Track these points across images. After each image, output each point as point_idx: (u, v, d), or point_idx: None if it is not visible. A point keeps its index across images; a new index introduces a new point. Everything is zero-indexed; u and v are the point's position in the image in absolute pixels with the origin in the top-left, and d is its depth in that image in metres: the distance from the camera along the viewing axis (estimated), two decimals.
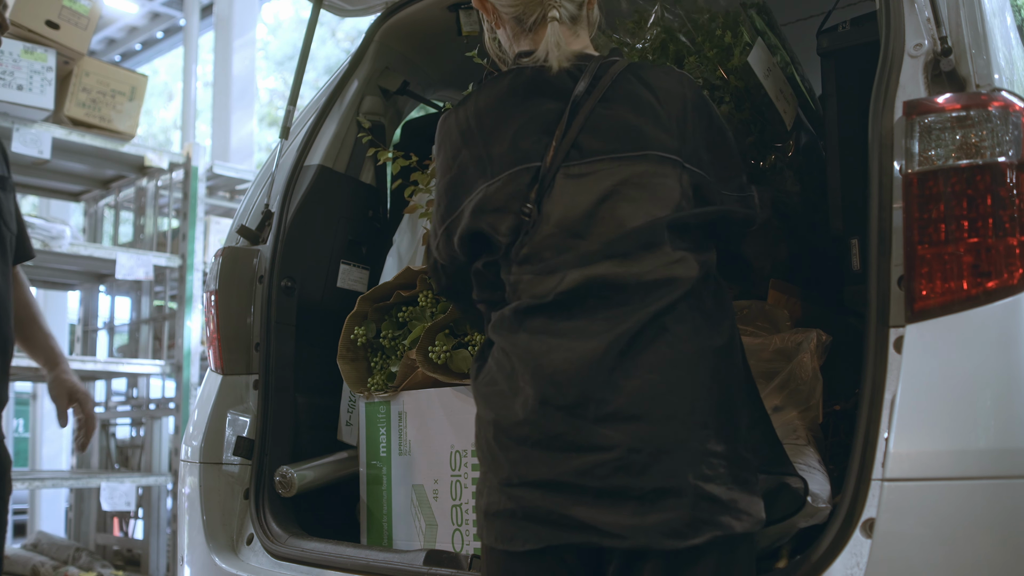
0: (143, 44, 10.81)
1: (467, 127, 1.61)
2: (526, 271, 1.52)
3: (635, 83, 1.57)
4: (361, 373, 2.31)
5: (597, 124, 1.53)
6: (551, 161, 1.52)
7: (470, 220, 1.57)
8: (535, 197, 1.52)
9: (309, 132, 2.50)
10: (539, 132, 1.55)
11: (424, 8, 2.56)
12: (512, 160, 1.55)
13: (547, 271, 1.50)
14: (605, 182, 1.50)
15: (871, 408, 1.47)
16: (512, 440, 1.45)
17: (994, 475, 1.36)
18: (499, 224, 1.53)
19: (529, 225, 1.52)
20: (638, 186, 1.50)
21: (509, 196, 1.53)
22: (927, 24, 1.60)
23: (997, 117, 1.46)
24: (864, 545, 1.42)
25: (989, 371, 1.40)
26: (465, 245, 1.61)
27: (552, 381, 1.43)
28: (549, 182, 1.52)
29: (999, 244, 1.42)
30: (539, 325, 1.48)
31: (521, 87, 1.60)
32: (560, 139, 1.52)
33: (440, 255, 1.68)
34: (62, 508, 6.52)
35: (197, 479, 2.26)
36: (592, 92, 1.55)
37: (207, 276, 2.44)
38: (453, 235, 1.61)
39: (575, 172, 1.52)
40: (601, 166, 1.51)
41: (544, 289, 1.49)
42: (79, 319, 5.26)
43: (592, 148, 1.52)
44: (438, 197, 1.65)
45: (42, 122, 4.02)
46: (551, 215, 1.51)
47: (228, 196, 5.62)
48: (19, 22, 3.87)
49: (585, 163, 1.52)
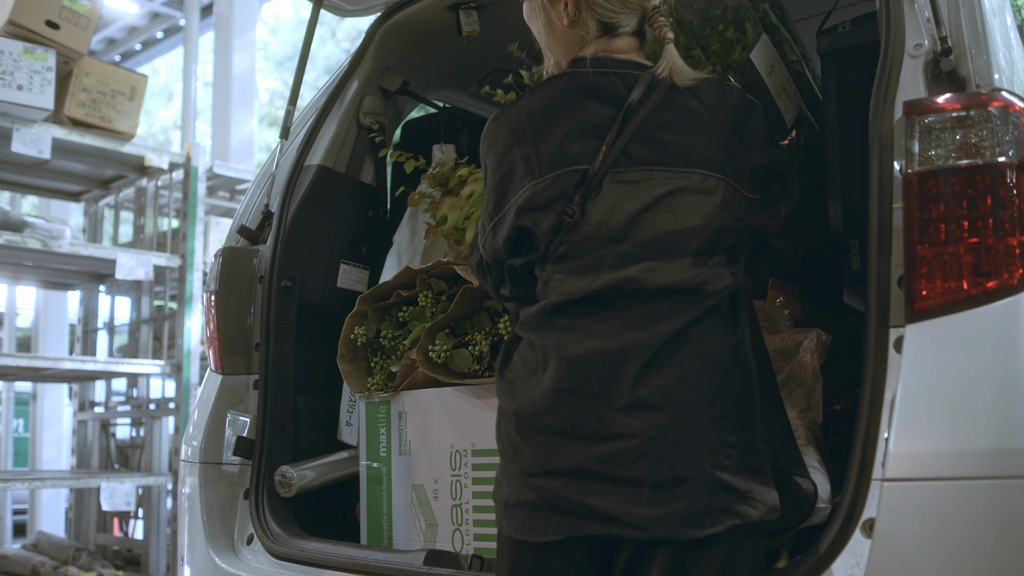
0: (143, 44, 10.80)
1: (519, 126, 1.62)
2: (560, 269, 1.55)
3: (688, 96, 1.59)
4: (361, 373, 2.31)
5: (648, 135, 1.55)
6: (599, 165, 1.54)
7: (515, 218, 1.59)
8: (580, 199, 1.54)
9: (309, 132, 2.50)
10: (590, 136, 1.56)
11: (424, 8, 2.56)
12: (561, 161, 1.56)
13: (581, 270, 1.53)
14: (651, 192, 1.52)
15: (871, 408, 1.47)
16: (534, 429, 1.48)
17: (994, 475, 1.36)
18: (542, 222, 1.56)
19: (570, 226, 1.54)
20: (682, 200, 1.52)
21: (554, 196, 1.55)
22: (927, 24, 1.60)
23: (997, 117, 1.46)
24: (864, 545, 1.42)
25: (989, 371, 1.40)
26: (510, 243, 1.62)
27: (578, 368, 1.46)
28: (596, 186, 1.54)
29: (999, 244, 1.42)
30: (567, 322, 1.51)
31: (575, 90, 1.61)
32: (610, 145, 1.54)
33: (487, 253, 1.69)
34: (62, 508, 6.52)
35: (197, 479, 2.26)
36: (645, 102, 1.57)
37: (207, 276, 2.44)
38: (500, 233, 1.63)
39: (622, 179, 1.54)
40: (649, 175, 1.54)
41: (576, 287, 1.52)
42: (79, 319, 5.26)
43: (641, 157, 1.54)
44: (487, 195, 1.67)
45: (42, 122, 4.02)
46: (593, 217, 1.53)
47: (228, 196, 5.62)
48: (19, 22, 3.87)
49: (634, 171, 1.54)
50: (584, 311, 1.51)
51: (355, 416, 2.40)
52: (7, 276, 5.28)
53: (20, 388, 7.50)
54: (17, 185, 5.04)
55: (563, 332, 1.51)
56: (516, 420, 1.51)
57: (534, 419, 1.48)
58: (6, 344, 7.16)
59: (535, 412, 1.48)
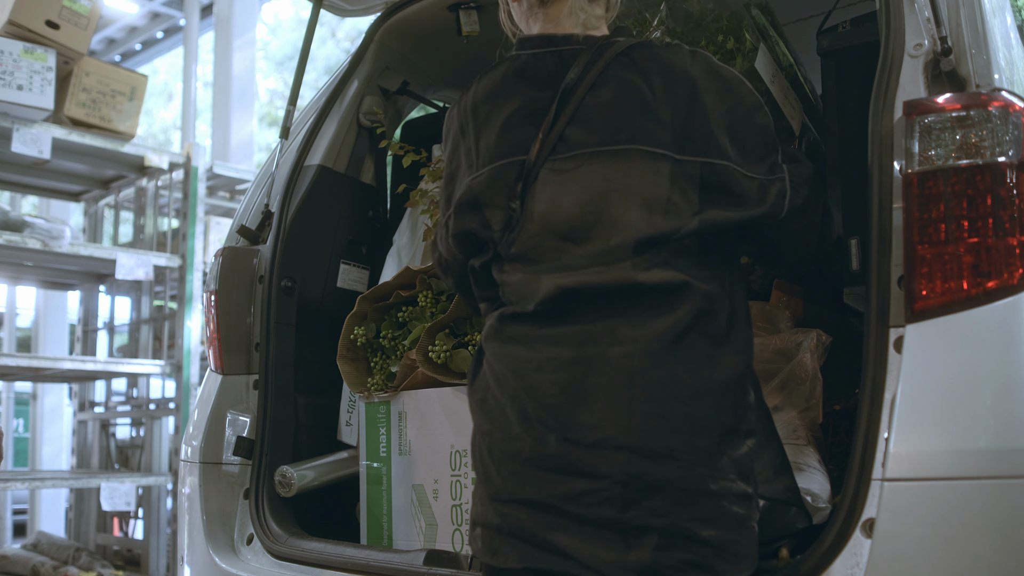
0: (143, 44, 10.80)
1: (464, 118, 1.55)
2: (515, 271, 1.46)
3: (629, 68, 1.46)
4: (361, 373, 2.31)
5: (586, 115, 1.44)
6: (536, 155, 1.44)
7: (456, 217, 1.52)
8: (519, 192, 1.44)
9: (309, 132, 2.50)
10: (527, 123, 1.46)
11: (424, 8, 2.56)
12: (497, 153, 1.47)
13: (531, 275, 1.44)
14: (590, 179, 1.41)
15: (871, 408, 1.47)
16: (506, 454, 1.40)
17: (994, 475, 1.36)
18: (492, 219, 1.47)
19: (515, 223, 1.45)
20: (625, 185, 1.41)
21: (495, 191, 1.47)
22: (927, 24, 1.60)
23: (997, 117, 1.46)
24: (864, 545, 1.42)
25: (989, 371, 1.40)
26: (459, 242, 1.56)
27: (538, 395, 1.37)
28: (533, 177, 1.44)
29: (999, 244, 1.42)
30: (523, 334, 1.42)
31: (513, 75, 1.51)
32: (547, 131, 1.43)
33: (444, 250, 1.63)
34: (62, 508, 6.52)
35: (197, 479, 2.26)
36: (583, 79, 1.45)
37: (207, 276, 2.44)
38: (450, 231, 1.57)
39: (559, 167, 1.43)
40: (585, 161, 1.42)
41: (527, 295, 1.43)
42: (79, 319, 5.26)
43: (579, 141, 1.43)
44: (441, 192, 1.62)
45: (42, 122, 4.01)
46: (534, 213, 1.44)
47: (228, 196, 5.62)
48: (19, 22, 3.87)
49: (570, 157, 1.43)
50: (539, 322, 1.41)
51: (355, 416, 2.40)
52: (7, 276, 5.28)
53: (20, 388, 7.50)
54: (17, 185, 5.04)
55: (522, 346, 1.41)
56: (491, 441, 1.43)
57: (508, 443, 1.40)
58: (6, 344, 7.16)
59: (508, 436, 1.40)
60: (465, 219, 1.51)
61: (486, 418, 1.45)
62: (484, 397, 1.47)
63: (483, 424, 1.46)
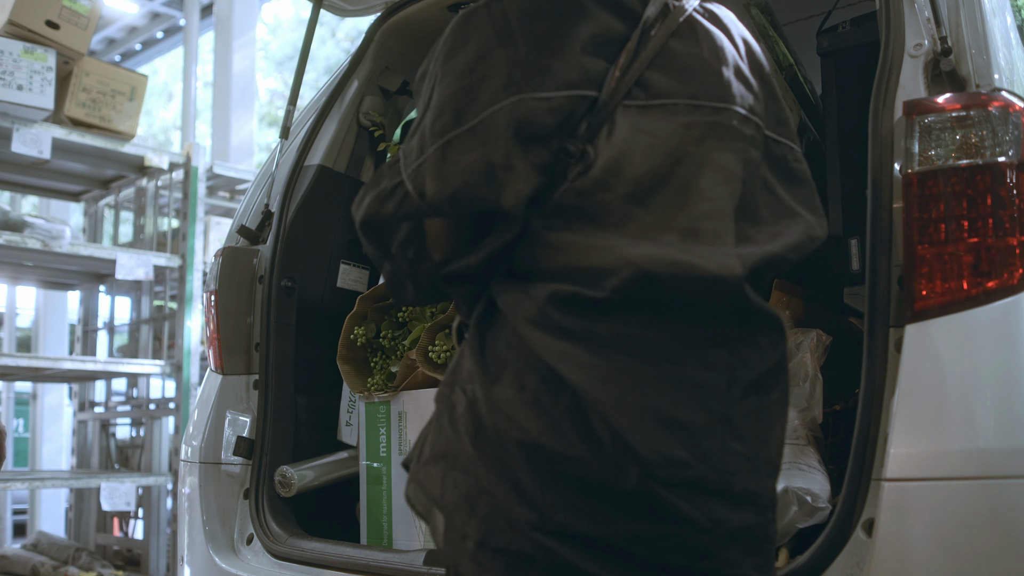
0: (143, 44, 10.80)
1: (509, 26, 1.20)
2: (563, 231, 1.17)
3: (707, 24, 1.28)
4: (361, 373, 2.31)
5: (670, 60, 1.22)
6: (612, 92, 1.19)
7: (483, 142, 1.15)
8: (584, 134, 1.18)
9: (309, 132, 2.50)
10: (599, 54, 1.21)
11: (424, 8, 2.56)
12: (570, 79, 1.18)
13: (593, 246, 1.15)
14: (680, 136, 1.19)
15: (871, 408, 1.47)
16: (559, 476, 1.12)
17: (994, 475, 1.36)
18: (538, 158, 1.17)
19: (574, 170, 1.18)
20: (722, 148, 1.20)
21: (558, 123, 1.17)
22: (927, 24, 1.60)
23: (997, 117, 1.46)
24: (864, 545, 1.42)
25: (989, 371, 1.40)
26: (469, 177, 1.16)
27: (618, 424, 1.10)
28: (606, 119, 1.18)
29: (999, 244, 1.42)
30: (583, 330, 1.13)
31: None
32: (625, 68, 1.20)
33: (432, 183, 1.17)
34: (62, 508, 6.52)
35: (197, 479, 2.26)
36: (663, 21, 1.24)
37: (207, 276, 2.44)
38: (461, 156, 1.17)
39: (639, 114, 1.19)
40: (674, 112, 1.20)
41: (594, 273, 1.13)
42: (79, 319, 5.26)
43: (663, 89, 1.20)
44: (439, 106, 1.20)
45: (42, 122, 4.01)
46: (600, 163, 1.17)
47: (228, 196, 5.62)
48: (19, 22, 3.87)
49: (654, 105, 1.19)
50: (608, 315, 1.14)
51: (355, 416, 2.40)
52: (7, 276, 5.28)
53: (20, 388, 7.50)
54: (17, 185, 5.04)
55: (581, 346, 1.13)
56: (533, 452, 1.13)
57: (566, 463, 1.11)
58: (6, 344, 7.16)
59: (567, 454, 1.11)
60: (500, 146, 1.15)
61: (526, 417, 1.14)
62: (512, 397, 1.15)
63: (513, 431, 1.14)
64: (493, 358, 1.19)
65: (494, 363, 1.19)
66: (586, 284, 1.13)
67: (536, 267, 1.18)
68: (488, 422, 1.16)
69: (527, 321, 1.15)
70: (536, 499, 1.12)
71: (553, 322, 1.14)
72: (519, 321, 1.16)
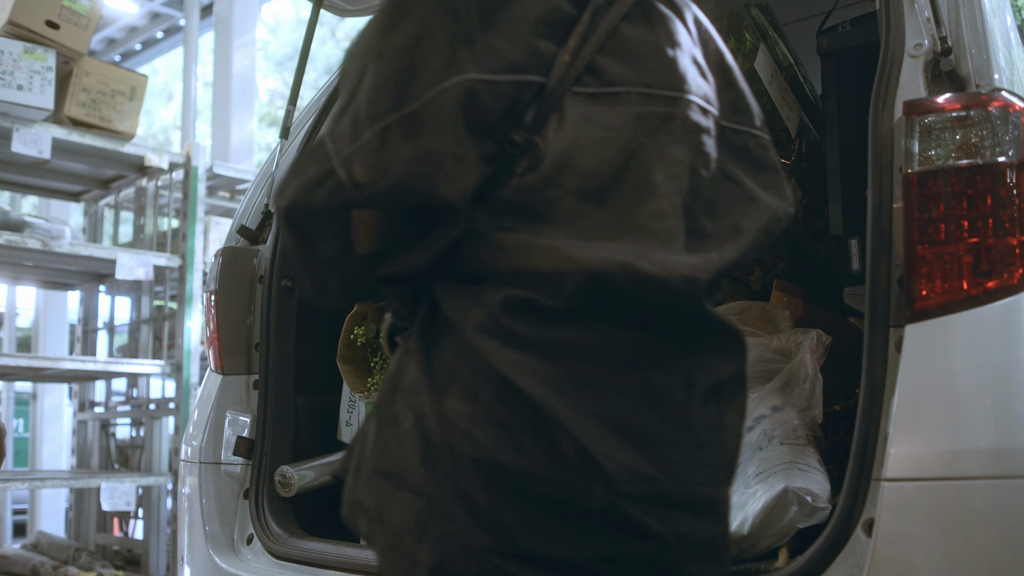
0: (143, 44, 10.80)
1: (450, 1, 1.09)
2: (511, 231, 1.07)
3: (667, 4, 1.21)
4: (361, 373, 2.31)
5: (622, 45, 1.14)
6: (561, 79, 1.09)
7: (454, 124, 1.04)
8: (531, 123, 1.08)
9: (309, 132, 2.50)
10: (547, 36, 1.11)
11: None
12: (520, 63, 1.08)
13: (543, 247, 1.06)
14: (633, 128, 1.10)
15: (871, 408, 1.46)
16: (519, 495, 1.03)
17: (994, 475, 1.36)
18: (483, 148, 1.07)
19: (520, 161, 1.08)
20: (676, 142, 1.12)
21: (504, 109, 1.07)
22: (927, 24, 1.60)
23: (997, 117, 1.46)
24: (864, 545, 1.42)
25: (989, 371, 1.40)
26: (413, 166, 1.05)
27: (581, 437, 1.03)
28: (554, 106, 1.09)
29: (999, 244, 1.42)
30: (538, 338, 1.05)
31: None
32: (575, 53, 1.11)
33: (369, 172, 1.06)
34: (62, 508, 6.51)
35: (197, 479, 2.26)
36: (615, 3, 1.16)
37: (207, 276, 2.44)
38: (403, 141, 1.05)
39: (590, 104, 1.10)
40: (627, 102, 1.11)
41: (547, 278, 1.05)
42: (79, 319, 5.26)
43: (615, 76, 1.12)
44: (376, 86, 1.08)
45: (42, 122, 4.01)
46: (556, 157, 1.08)
47: (228, 196, 5.62)
48: (19, 22, 3.87)
49: (606, 94, 1.11)
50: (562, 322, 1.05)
51: (355, 416, 2.40)
52: (7, 276, 5.28)
53: (20, 388, 7.50)
54: (17, 185, 5.04)
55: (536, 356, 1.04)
56: (489, 472, 1.03)
57: (527, 482, 1.03)
58: (6, 344, 7.16)
59: (528, 472, 1.03)
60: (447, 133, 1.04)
61: (482, 432, 1.04)
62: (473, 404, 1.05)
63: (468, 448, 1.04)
64: (441, 369, 1.09)
65: (442, 374, 1.08)
66: (540, 290, 1.05)
67: (484, 269, 1.09)
68: (438, 439, 1.06)
69: (478, 329, 1.06)
70: (495, 521, 1.03)
71: (507, 330, 1.05)
72: (469, 329, 1.06)
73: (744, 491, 1.72)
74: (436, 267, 1.11)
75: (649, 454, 1.05)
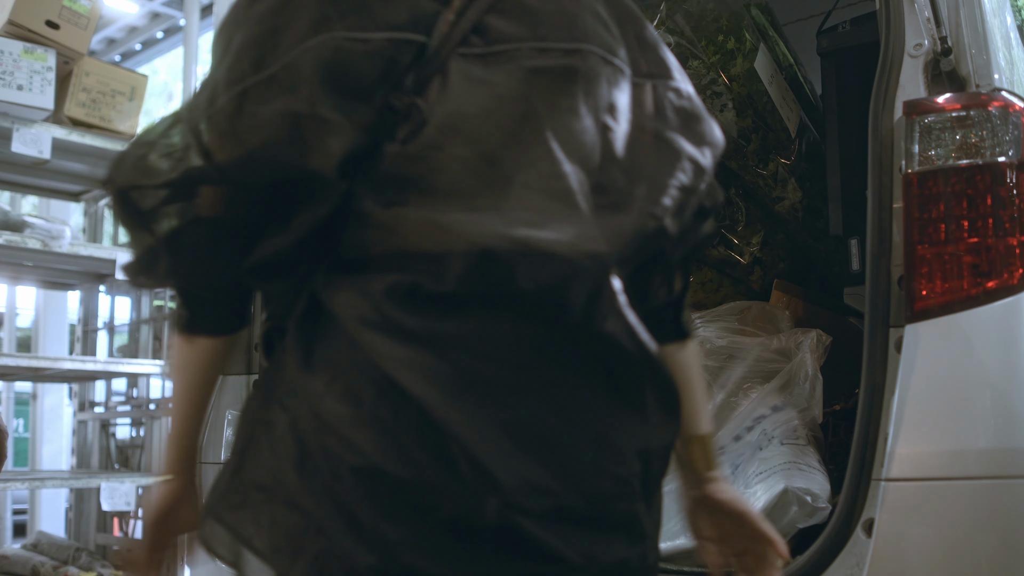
0: (143, 44, 10.79)
1: None
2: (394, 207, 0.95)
3: None
4: None
5: (515, 3, 1.03)
6: (444, 39, 0.99)
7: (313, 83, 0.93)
8: (412, 87, 0.97)
9: None
10: None
11: None
12: (397, 21, 0.99)
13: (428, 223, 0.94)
14: (526, 84, 0.99)
15: (871, 408, 1.47)
16: (406, 507, 0.91)
17: (994, 475, 1.36)
18: (357, 114, 0.95)
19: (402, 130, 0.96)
20: (576, 96, 1.00)
21: (379, 73, 0.96)
22: (927, 24, 1.60)
23: (997, 117, 1.46)
24: (864, 545, 1.42)
25: (989, 371, 1.40)
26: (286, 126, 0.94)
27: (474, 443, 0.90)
28: (438, 68, 0.99)
29: (999, 244, 1.42)
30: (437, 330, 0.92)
31: None
32: (460, 12, 1.00)
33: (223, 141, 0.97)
34: (62, 508, 6.52)
35: (197, 479, 2.26)
36: None
37: None
38: (260, 105, 0.95)
39: (477, 63, 1.00)
40: (516, 57, 1.00)
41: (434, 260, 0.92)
42: (79, 319, 5.26)
43: (504, 34, 1.01)
44: (237, 52, 0.98)
45: (42, 122, 4.02)
46: (440, 121, 0.97)
47: None
48: (19, 22, 3.87)
49: (494, 52, 1.00)
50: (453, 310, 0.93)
51: None
52: (7, 276, 5.28)
53: (20, 388, 7.49)
54: (17, 185, 5.04)
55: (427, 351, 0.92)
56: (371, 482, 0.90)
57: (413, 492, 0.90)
58: (6, 344, 7.16)
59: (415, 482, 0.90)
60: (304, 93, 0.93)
61: (364, 438, 0.91)
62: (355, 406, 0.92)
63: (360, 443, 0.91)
64: (321, 368, 0.95)
65: (323, 373, 0.95)
66: (426, 273, 0.92)
67: (367, 253, 0.96)
68: (315, 444, 0.93)
69: (361, 322, 0.93)
70: (377, 537, 0.90)
71: (392, 322, 0.92)
72: (351, 322, 0.93)
73: (744, 491, 1.72)
74: (314, 255, 0.99)
75: (550, 464, 0.92)
